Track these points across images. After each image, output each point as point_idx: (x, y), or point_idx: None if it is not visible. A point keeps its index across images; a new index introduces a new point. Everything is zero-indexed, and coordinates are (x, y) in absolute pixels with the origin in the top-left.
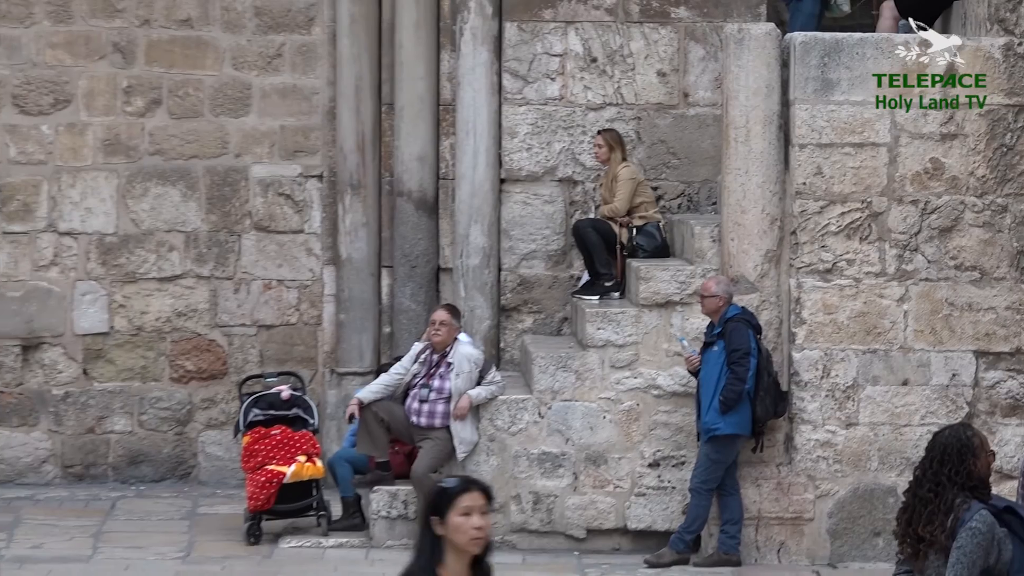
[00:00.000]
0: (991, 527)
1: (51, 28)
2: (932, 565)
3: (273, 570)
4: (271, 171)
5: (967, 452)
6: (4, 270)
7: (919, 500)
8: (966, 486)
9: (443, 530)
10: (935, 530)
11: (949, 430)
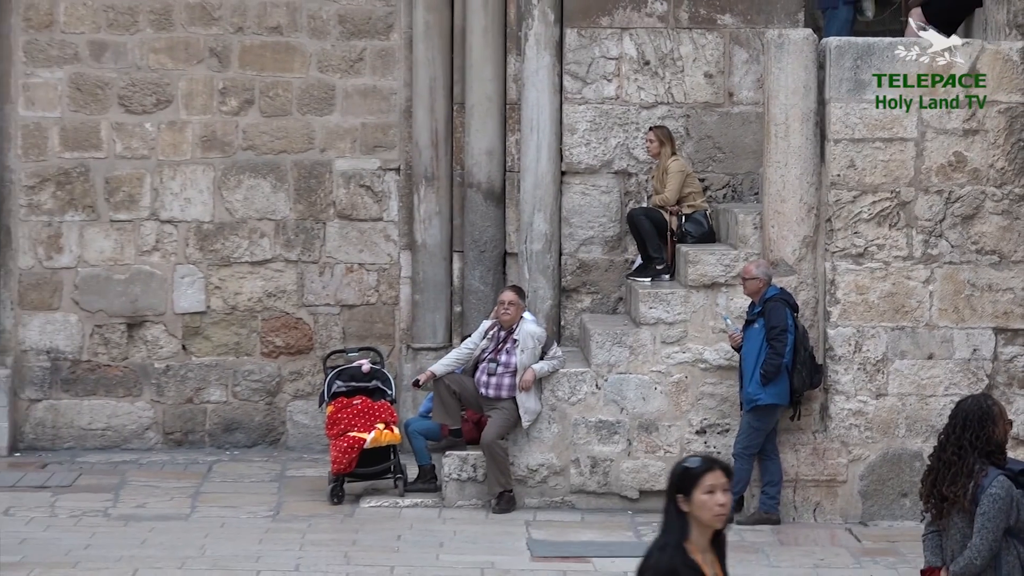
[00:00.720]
0: (1009, 491)
1: (154, 35)
2: (955, 524)
3: (354, 528)
4: (353, 165)
5: (987, 420)
6: (111, 255)
7: (943, 463)
8: (985, 451)
9: (688, 507)
10: (958, 491)
11: (971, 399)
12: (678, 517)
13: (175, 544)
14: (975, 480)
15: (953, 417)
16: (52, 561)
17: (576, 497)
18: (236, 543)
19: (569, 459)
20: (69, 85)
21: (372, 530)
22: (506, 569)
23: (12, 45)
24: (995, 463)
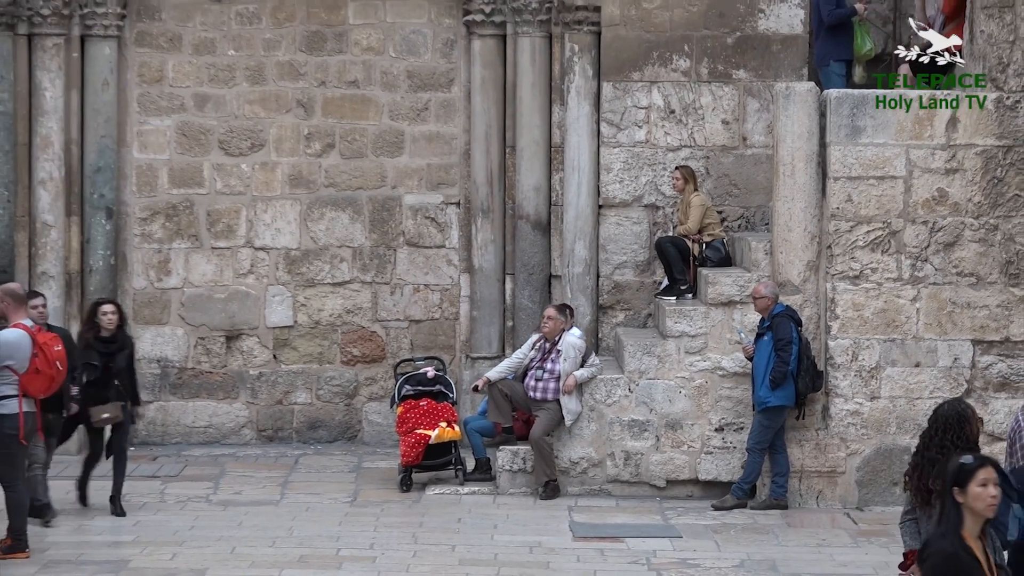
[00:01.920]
0: None
1: (249, 88)
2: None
3: (421, 512)
4: (419, 199)
5: (964, 421)
6: (212, 277)
7: (927, 460)
8: (964, 448)
9: (963, 499)
10: (940, 483)
11: (948, 404)
12: (954, 508)
13: (267, 526)
14: None
15: (934, 421)
16: (162, 540)
17: (611, 486)
18: (319, 525)
19: (605, 453)
20: (176, 131)
21: (436, 514)
22: (551, 548)
23: (128, 97)
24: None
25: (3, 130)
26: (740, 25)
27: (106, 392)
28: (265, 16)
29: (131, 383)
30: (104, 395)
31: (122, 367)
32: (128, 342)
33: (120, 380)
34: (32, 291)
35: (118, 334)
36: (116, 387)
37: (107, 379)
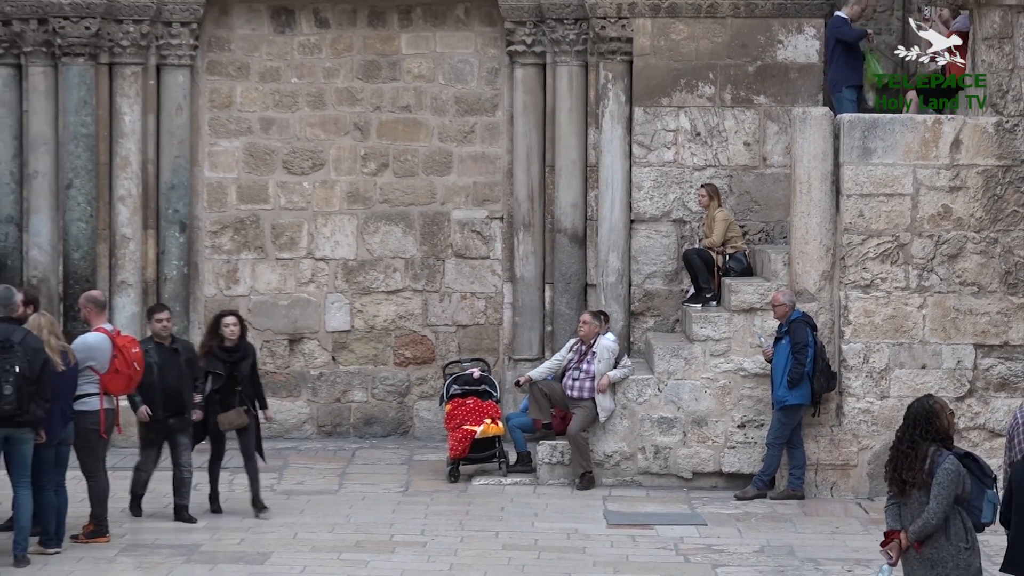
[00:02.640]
0: (958, 467)
1: (310, 113)
2: (915, 497)
3: (467, 501)
4: (466, 214)
5: (932, 415)
6: (276, 286)
7: (901, 454)
8: (935, 439)
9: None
10: (915, 474)
11: (917, 401)
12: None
13: (326, 513)
14: (931, 459)
15: (905, 418)
16: (231, 526)
17: (642, 477)
18: (374, 512)
19: (637, 447)
20: (244, 152)
21: (481, 503)
22: (587, 534)
23: (200, 121)
24: (947, 447)
25: (86, 151)
26: (760, 55)
27: (231, 398)
28: (325, 47)
29: (255, 389)
30: (229, 401)
31: (245, 374)
32: (250, 350)
33: (243, 387)
34: (159, 304)
35: (240, 343)
36: (240, 393)
37: (231, 386)
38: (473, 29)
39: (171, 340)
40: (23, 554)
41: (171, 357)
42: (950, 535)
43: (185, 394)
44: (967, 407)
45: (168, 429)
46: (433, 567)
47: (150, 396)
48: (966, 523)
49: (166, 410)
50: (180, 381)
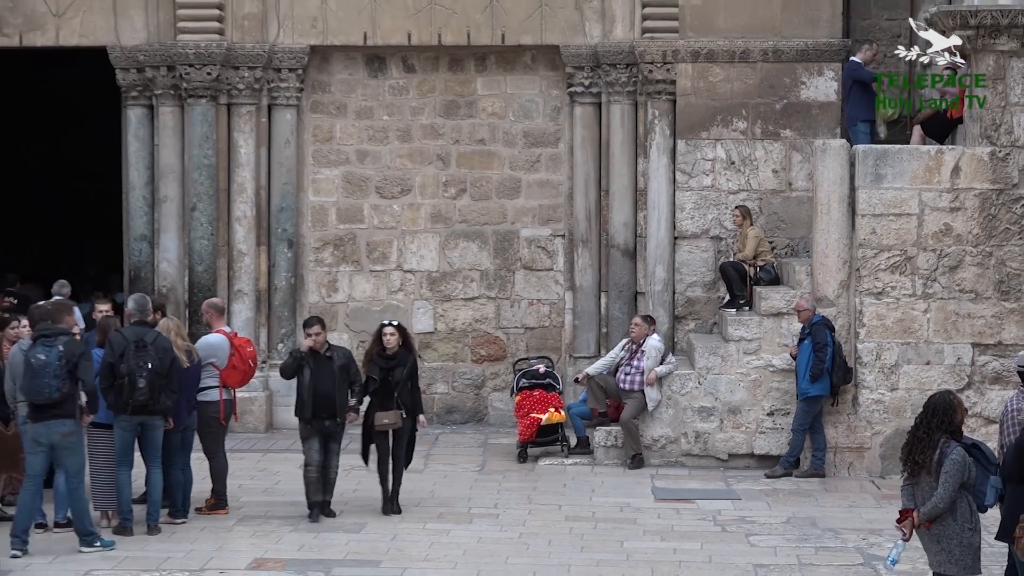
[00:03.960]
0: (964, 457)
1: (399, 145)
2: (925, 481)
3: (534, 479)
4: (533, 232)
5: (950, 409)
6: (370, 294)
7: (916, 439)
8: (947, 431)
9: None
10: (927, 458)
11: (939, 395)
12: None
13: (414, 489)
14: (940, 450)
15: (926, 407)
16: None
17: (685, 458)
18: (454, 489)
19: (680, 432)
20: (342, 180)
21: (546, 480)
22: (637, 507)
23: (304, 153)
24: (955, 438)
25: (208, 179)
26: (786, 94)
27: (388, 402)
28: (412, 88)
29: (413, 396)
30: (386, 405)
31: (400, 380)
32: (408, 359)
33: (400, 392)
34: (313, 317)
35: (399, 352)
36: (396, 398)
37: (388, 390)
38: (539, 73)
39: (327, 348)
40: (155, 524)
41: (324, 364)
42: (956, 516)
43: (338, 399)
44: (966, 398)
45: (324, 430)
46: (505, 535)
47: (303, 400)
48: (971, 506)
49: (319, 414)
50: (332, 386)
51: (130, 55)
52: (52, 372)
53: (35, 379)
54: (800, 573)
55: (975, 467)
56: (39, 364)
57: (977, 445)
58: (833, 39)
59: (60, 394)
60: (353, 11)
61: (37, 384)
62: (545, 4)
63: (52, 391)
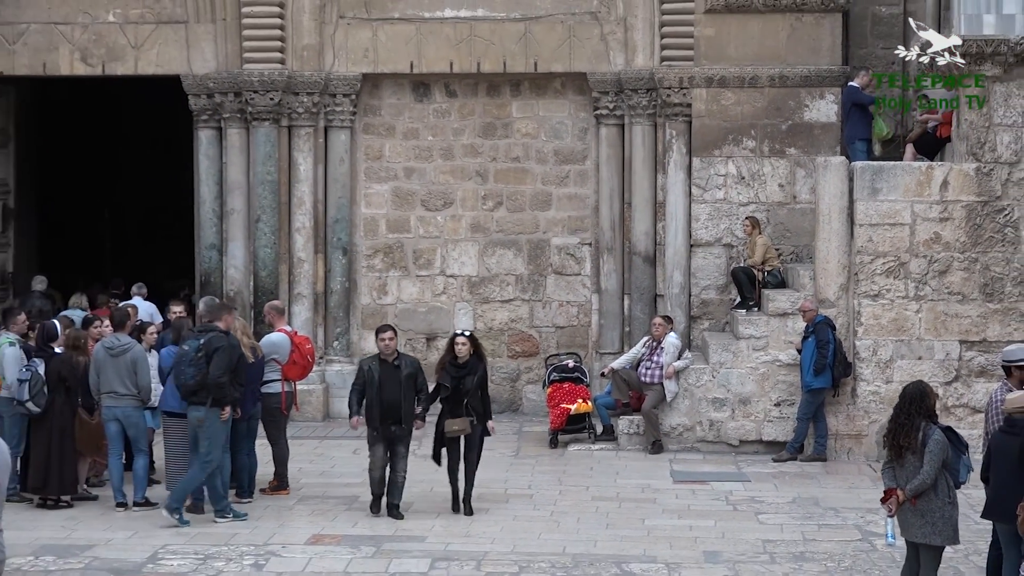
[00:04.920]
0: (944, 438)
1: (442, 163)
2: (909, 461)
3: (564, 463)
4: (563, 241)
5: (924, 396)
6: (416, 296)
7: (899, 425)
8: (925, 415)
9: None
10: (911, 441)
11: (912, 385)
12: None
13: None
14: (923, 432)
15: (903, 396)
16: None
17: (700, 444)
18: (492, 472)
19: (696, 421)
20: (391, 194)
21: (575, 464)
22: (657, 488)
23: (357, 170)
24: (933, 422)
25: (271, 193)
26: (791, 116)
27: (458, 408)
28: (453, 112)
29: (482, 401)
30: (456, 411)
31: (470, 388)
32: (478, 367)
33: (470, 399)
34: (385, 325)
35: (470, 360)
36: (466, 405)
37: (458, 397)
38: (568, 98)
39: (395, 356)
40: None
41: (392, 372)
42: (938, 492)
43: (404, 406)
44: (954, 390)
45: (390, 436)
46: (538, 514)
47: (370, 407)
48: (949, 483)
49: (385, 420)
50: (399, 394)
51: (201, 83)
52: (188, 361)
53: (177, 367)
54: (804, 548)
55: (950, 448)
56: (181, 354)
57: (950, 428)
58: (833, 66)
59: (195, 382)
60: (401, 42)
61: (179, 372)
62: (574, 35)
63: (188, 378)
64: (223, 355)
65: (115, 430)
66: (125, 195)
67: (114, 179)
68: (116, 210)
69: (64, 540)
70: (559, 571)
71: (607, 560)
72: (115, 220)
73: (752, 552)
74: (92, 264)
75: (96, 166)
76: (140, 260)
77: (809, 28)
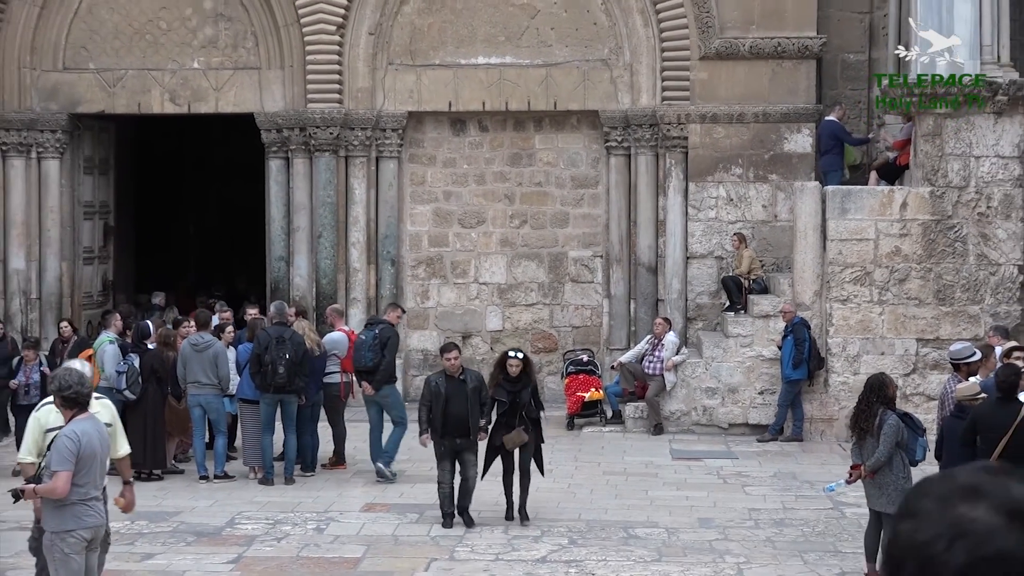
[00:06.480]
0: (898, 422)
1: (476, 188)
2: (869, 442)
3: (579, 443)
4: (579, 254)
5: (884, 386)
6: (454, 301)
7: (860, 411)
8: (883, 402)
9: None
10: (870, 424)
11: (874, 376)
12: None
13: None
14: (880, 417)
15: (866, 385)
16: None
17: (695, 427)
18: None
19: (691, 407)
20: (432, 214)
21: (588, 444)
22: (659, 464)
23: (404, 193)
24: (891, 408)
25: (330, 213)
26: (773, 147)
27: (514, 421)
28: (485, 144)
29: (534, 414)
30: (512, 423)
31: (525, 401)
32: (529, 381)
33: (526, 412)
34: (449, 343)
35: (522, 376)
36: (522, 416)
37: (514, 411)
38: (582, 132)
39: (460, 371)
40: (291, 476)
41: (458, 387)
42: (893, 468)
43: (471, 419)
44: (911, 380)
45: (456, 448)
46: (556, 486)
47: (437, 420)
48: (904, 461)
49: (453, 433)
50: (465, 408)
51: (271, 119)
52: (367, 346)
53: (357, 352)
54: (783, 515)
55: (906, 431)
56: (360, 342)
57: (908, 414)
58: (808, 105)
59: (372, 363)
60: (441, 85)
61: (358, 356)
62: (587, 79)
63: (367, 361)
64: (394, 342)
65: (199, 414)
66: (208, 214)
67: (198, 201)
68: (200, 227)
69: (156, 507)
70: (575, 535)
71: (616, 525)
72: (200, 236)
73: (739, 519)
74: (180, 273)
75: (182, 190)
76: (220, 269)
77: (788, 72)
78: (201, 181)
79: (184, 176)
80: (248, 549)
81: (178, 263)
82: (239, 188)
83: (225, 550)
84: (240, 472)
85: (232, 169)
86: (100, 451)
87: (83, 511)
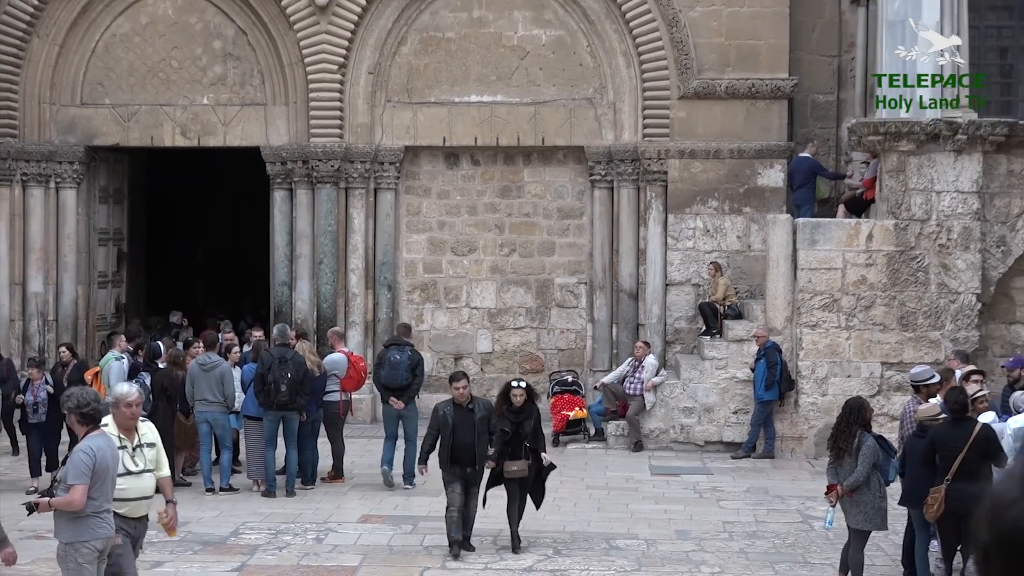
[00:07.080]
0: (875, 444)
1: (468, 218)
2: (847, 462)
3: (564, 459)
4: (564, 280)
5: (861, 409)
6: (447, 324)
7: (839, 432)
8: (861, 424)
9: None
10: (848, 444)
11: (853, 399)
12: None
13: None
14: (858, 439)
15: (844, 408)
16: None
17: (673, 444)
18: None
19: (669, 425)
20: (427, 242)
21: (573, 459)
22: (639, 479)
23: (400, 223)
24: (867, 431)
25: (331, 241)
26: (747, 181)
27: (517, 451)
28: (477, 177)
29: (537, 442)
30: (516, 453)
31: (528, 432)
32: (533, 411)
33: (529, 442)
34: (459, 372)
35: (525, 406)
36: (525, 447)
37: (518, 441)
38: (568, 166)
39: (469, 400)
40: (292, 489)
41: (466, 416)
42: (870, 487)
43: (477, 448)
44: (876, 401)
45: (464, 476)
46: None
47: (446, 449)
48: (880, 480)
49: (460, 461)
50: (473, 436)
51: (276, 152)
52: (404, 367)
53: (391, 371)
54: (756, 528)
55: (881, 453)
56: (394, 362)
57: (882, 437)
58: (780, 142)
59: (407, 382)
60: (436, 121)
61: (393, 375)
62: (573, 116)
63: (403, 379)
64: (423, 364)
65: (205, 430)
66: (215, 242)
67: (206, 229)
68: (208, 253)
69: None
70: (560, 546)
71: (598, 537)
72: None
73: (714, 531)
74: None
75: (192, 219)
76: (226, 293)
77: (761, 111)
78: (209, 210)
79: (193, 206)
80: (251, 558)
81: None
82: (245, 216)
83: (230, 559)
84: (244, 485)
85: (238, 199)
86: (112, 466)
87: (96, 523)
